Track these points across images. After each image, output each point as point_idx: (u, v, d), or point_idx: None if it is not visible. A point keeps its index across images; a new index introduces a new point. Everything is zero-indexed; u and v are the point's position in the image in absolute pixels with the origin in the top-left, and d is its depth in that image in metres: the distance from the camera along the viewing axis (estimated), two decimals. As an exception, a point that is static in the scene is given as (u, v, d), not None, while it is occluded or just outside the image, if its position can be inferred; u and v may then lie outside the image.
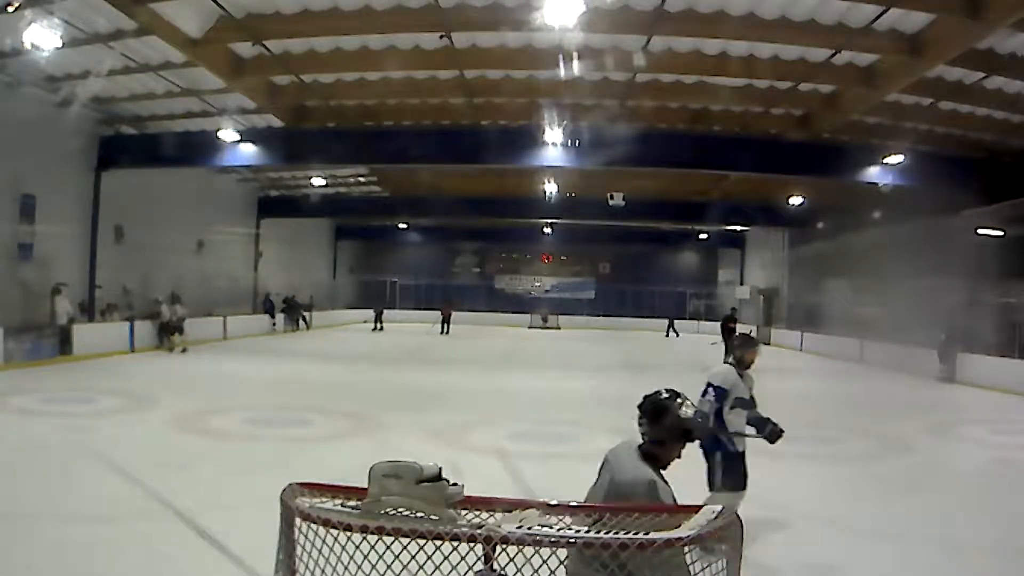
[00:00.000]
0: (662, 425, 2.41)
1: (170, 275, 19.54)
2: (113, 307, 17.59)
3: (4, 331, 12.92)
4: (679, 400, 2.48)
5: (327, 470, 5.46)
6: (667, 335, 31.55)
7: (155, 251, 18.66)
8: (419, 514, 1.65)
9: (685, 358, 22.00)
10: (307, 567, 1.65)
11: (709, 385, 4.90)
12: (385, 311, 30.64)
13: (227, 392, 11.70)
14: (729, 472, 4.72)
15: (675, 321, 32.30)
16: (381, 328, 29.27)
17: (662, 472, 2.36)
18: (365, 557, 1.59)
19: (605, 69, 13.36)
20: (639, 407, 2.50)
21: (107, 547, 4.51)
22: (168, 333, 17.16)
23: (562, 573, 1.79)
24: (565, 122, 15.31)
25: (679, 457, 2.46)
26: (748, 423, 4.85)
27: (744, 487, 4.74)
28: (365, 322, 30.80)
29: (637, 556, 1.56)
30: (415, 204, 27.73)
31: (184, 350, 16.97)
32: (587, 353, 21.91)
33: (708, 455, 4.77)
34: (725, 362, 5.13)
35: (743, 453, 4.82)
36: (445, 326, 28.28)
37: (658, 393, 2.53)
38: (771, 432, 4.80)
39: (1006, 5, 9.63)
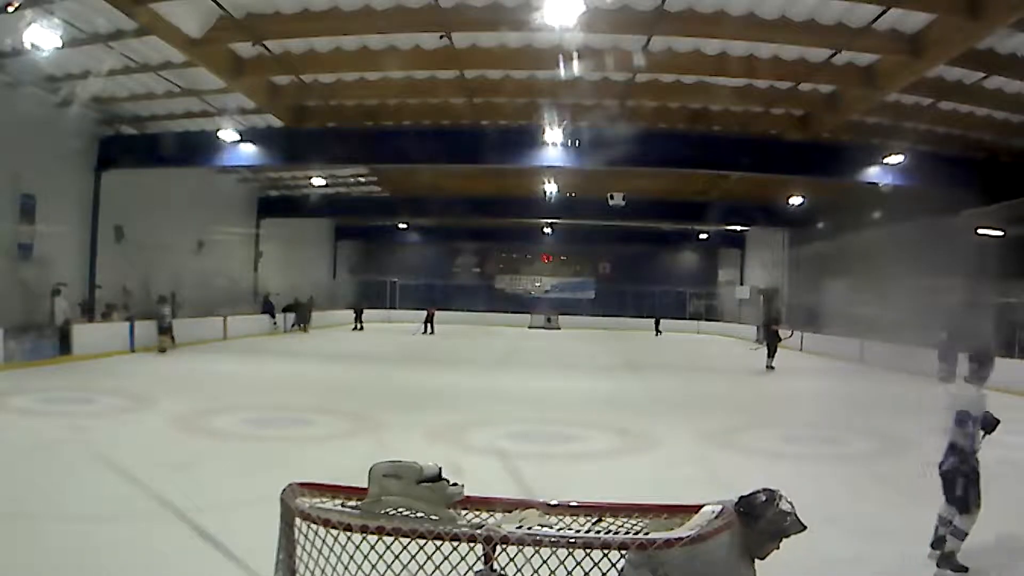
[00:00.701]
0: (758, 528, 2.31)
1: (170, 275, 19.56)
2: (113, 307, 17.59)
3: (4, 331, 12.93)
4: (776, 500, 2.37)
5: (327, 470, 5.45)
6: (656, 334, 32.18)
7: (155, 251, 18.67)
8: (419, 514, 1.65)
9: (685, 358, 22.03)
10: (307, 567, 1.65)
11: (966, 416, 4.80)
12: (365, 311, 30.69)
13: (227, 392, 11.69)
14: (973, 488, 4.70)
15: (660, 320, 33.09)
16: (361, 328, 29.28)
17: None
18: (365, 557, 1.59)
19: (605, 69, 13.36)
20: (736, 508, 2.30)
21: (107, 547, 4.50)
22: (160, 333, 17.21)
23: (562, 573, 1.79)
24: (565, 122, 15.32)
25: (777, 549, 2.40)
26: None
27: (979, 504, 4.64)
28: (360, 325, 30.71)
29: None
30: (415, 204, 27.74)
31: (163, 351, 16.68)
32: (587, 353, 21.91)
33: (953, 482, 4.74)
34: (953, 379, 4.95)
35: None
36: (428, 326, 27.95)
37: (756, 495, 2.38)
38: (989, 423, 4.80)
39: (1006, 5, 9.64)
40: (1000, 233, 16.25)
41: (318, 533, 1.62)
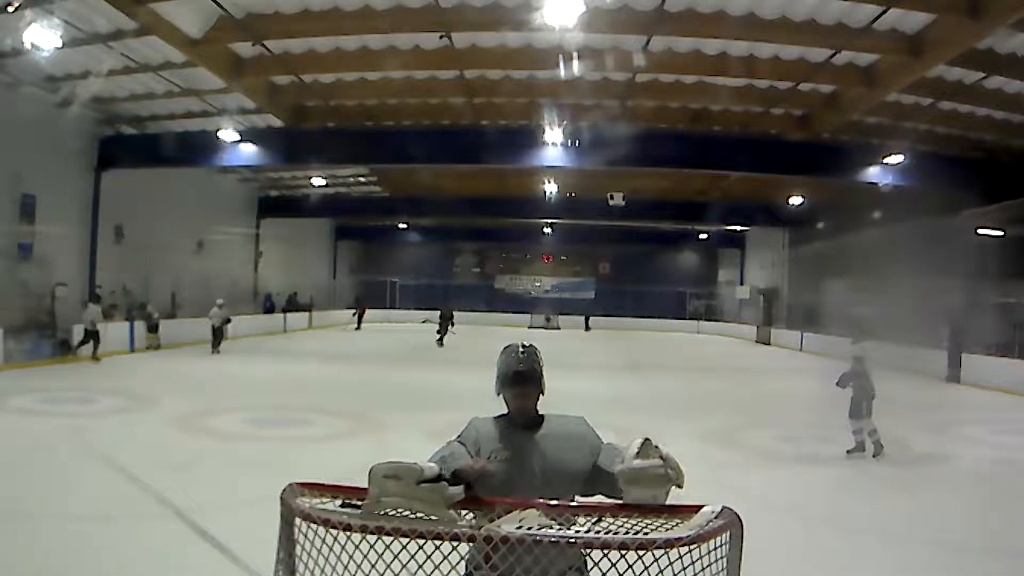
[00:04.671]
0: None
1: (170, 275, 19.57)
2: (113, 307, 17.60)
3: (4, 331, 12.93)
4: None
5: (327, 470, 5.46)
6: (586, 329, 33.34)
7: (155, 251, 18.68)
8: (419, 515, 1.65)
9: (685, 358, 22.02)
10: (307, 567, 1.65)
11: (861, 360, 7.94)
12: (367, 311, 30.72)
13: (227, 392, 11.70)
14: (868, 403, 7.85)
15: (589, 318, 34.20)
16: (358, 327, 29.28)
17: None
18: (365, 557, 1.59)
19: (605, 69, 13.36)
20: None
21: (107, 547, 4.51)
22: (149, 331, 17.45)
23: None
24: (565, 122, 15.32)
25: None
26: None
27: None
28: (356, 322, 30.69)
29: None
30: (415, 204, 27.75)
31: (156, 347, 17.16)
32: (588, 353, 21.90)
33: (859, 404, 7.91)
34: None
35: None
36: (445, 326, 24.28)
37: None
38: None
39: (1006, 5, 9.64)
40: (1000, 233, 16.25)
41: (318, 533, 1.62)
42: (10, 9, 10.29)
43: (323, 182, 24.88)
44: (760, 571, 2.34)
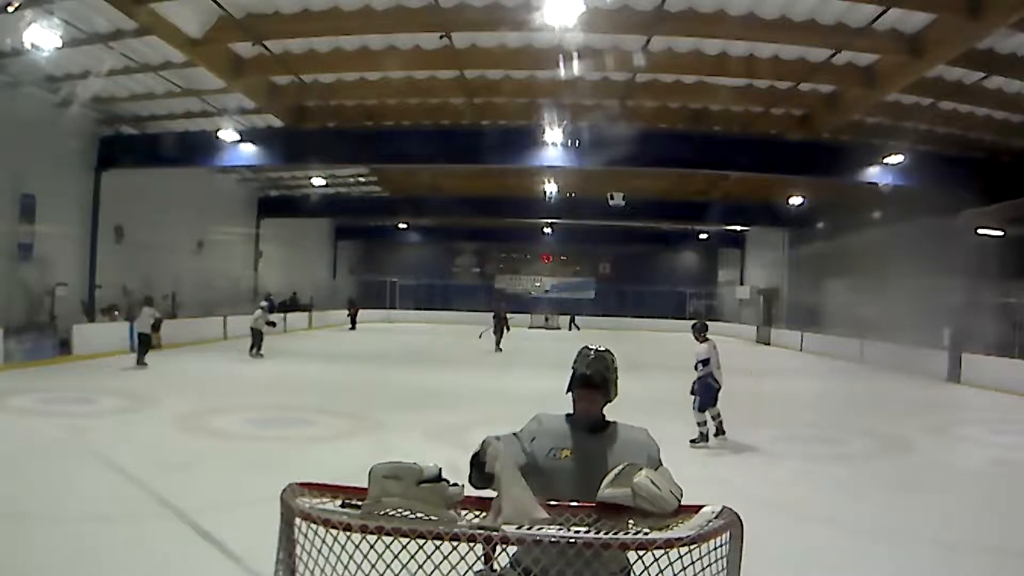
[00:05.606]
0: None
1: (170, 275, 19.56)
2: (113, 307, 17.60)
3: (4, 331, 12.93)
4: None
5: (327, 470, 5.46)
6: (569, 329, 33.36)
7: (155, 251, 18.68)
8: (419, 515, 1.65)
9: (685, 358, 22.00)
10: (307, 567, 1.65)
11: (706, 360, 8.45)
12: (360, 310, 30.69)
13: (227, 392, 11.70)
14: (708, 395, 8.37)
15: (575, 317, 34.31)
16: (352, 327, 29.28)
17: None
18: (365, 557, 1.59)
19: (605, 69, 13.36)
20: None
21: (107, 547, 4.51)
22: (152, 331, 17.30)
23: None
24: (565, 122, 15.31)
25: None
26: None
27: None
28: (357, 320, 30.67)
29: None
30: (415, 204, 27.74)
31: (158, 346, 16.81)
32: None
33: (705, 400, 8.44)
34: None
35: None
36: (500, 328, 22.10)
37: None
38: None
39: (1006, 5, 9.63)
40: (1000, 233, 16.25)
41: (318, 533, 1.62)
42: (10, 9, 10.29)
43: (323, 182, 24.88)
44: (760, 571, 2.33)
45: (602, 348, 2.41)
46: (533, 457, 2.18)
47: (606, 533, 1.57)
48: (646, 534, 1.62)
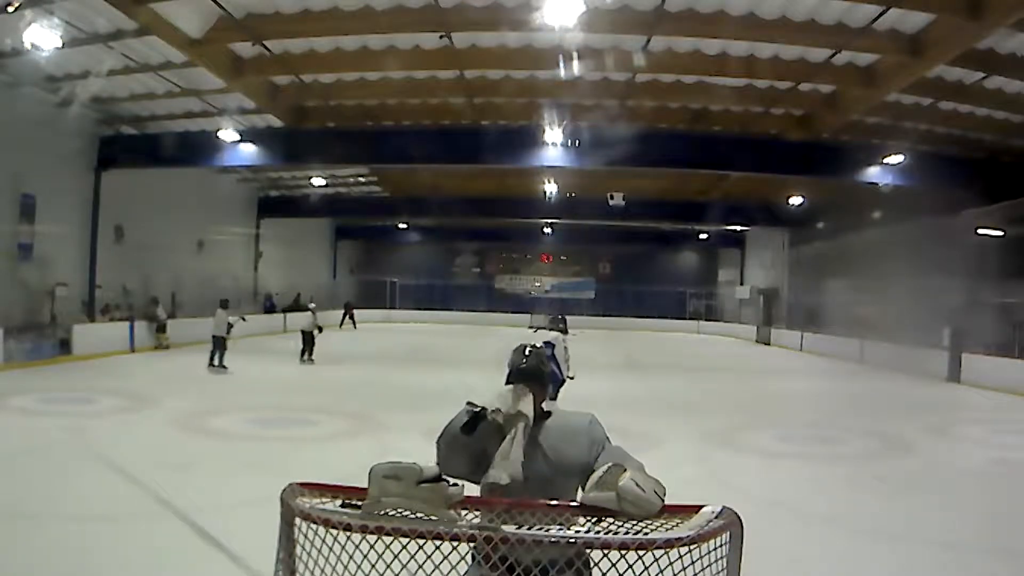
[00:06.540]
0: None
1: (170, 275, 19.56)
2: (113, 307, 17.61)
3: (4, 331, 12.93)
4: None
5: (327, 470, 5.47)
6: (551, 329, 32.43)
7: (155, 251, 18.68)
8: (419, 515, 1.65)
9: (685, 358, 22.02)
10: (307, 567, 1.65)
11: (552, 344, 7.49)
12: (354, 311, 30.75)
13: (227, 392, 11.70)
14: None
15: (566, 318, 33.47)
16: (352, 326, 29.34)
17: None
18: (365, 557, 1.59)
19: (605, 69, 13.36)
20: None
21: (107, 547, 4.51)
22: (158, 331, 17.55)
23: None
24: (565, 122, 15.31)
25: None
26: None
27: None
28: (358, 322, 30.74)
29: None
30: (415, 204, 27.74)
31: (166, 347, 17.40)
32: (588, 353, 21.89)
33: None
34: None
35: None
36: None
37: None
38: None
39: (1006, 5, 9.63)
40: (1000, 233, 16.26)
41: (318, 533, 1.62)
42: (10, 9, 10.29)
43: (323, 182, 24.88)
44: (760, 571, 2.33)
45: (536, 345, 2.45)
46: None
47: (605, 533, 1.57)
48: (646, 534, 1.62)
